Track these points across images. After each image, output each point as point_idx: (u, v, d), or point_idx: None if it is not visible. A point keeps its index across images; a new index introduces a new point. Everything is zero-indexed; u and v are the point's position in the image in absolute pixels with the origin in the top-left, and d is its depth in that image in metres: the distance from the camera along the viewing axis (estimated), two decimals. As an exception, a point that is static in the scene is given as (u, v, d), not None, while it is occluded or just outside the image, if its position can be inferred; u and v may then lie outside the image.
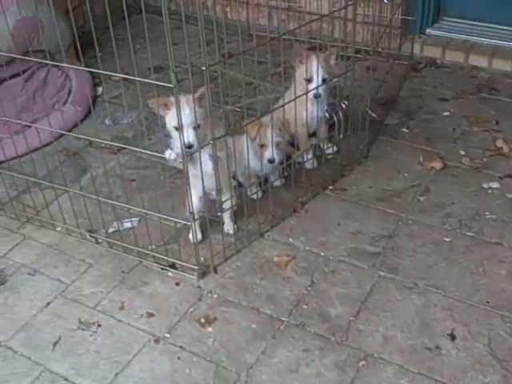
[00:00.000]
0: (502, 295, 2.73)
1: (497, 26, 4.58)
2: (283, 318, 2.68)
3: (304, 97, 3.08)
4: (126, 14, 2.45)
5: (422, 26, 4.67)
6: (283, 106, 2.99)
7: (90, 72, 4.15)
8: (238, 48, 2.74)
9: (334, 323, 2.64)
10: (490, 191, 3.32)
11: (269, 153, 3.07)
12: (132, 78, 2.57)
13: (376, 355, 2.50)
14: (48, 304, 2.79)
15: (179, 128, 2.54)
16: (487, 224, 3.11)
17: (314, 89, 3.18)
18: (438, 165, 3.51)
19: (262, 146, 3.08)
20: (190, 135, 2.61)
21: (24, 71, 3.65)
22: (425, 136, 3.77)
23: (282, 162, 3.16)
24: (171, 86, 2.40)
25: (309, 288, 2.81)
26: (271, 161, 3.09)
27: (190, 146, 2.62)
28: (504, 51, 4.44)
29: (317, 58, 3.20)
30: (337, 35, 4.54)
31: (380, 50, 3.69)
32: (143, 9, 2.50)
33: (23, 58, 2.82)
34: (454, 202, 3.26)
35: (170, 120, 2.70)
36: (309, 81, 3.21)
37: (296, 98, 3.00)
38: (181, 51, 2.56)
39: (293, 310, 2.71)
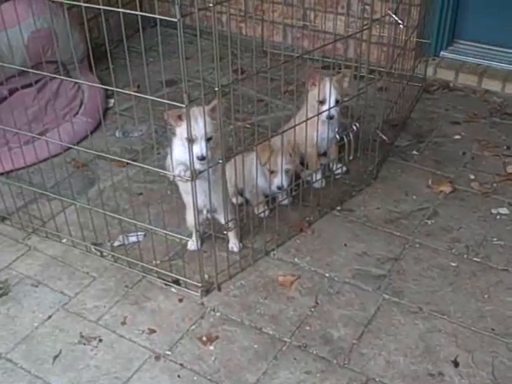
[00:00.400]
0: (507, 323, 2.69)
1: (510, 51, 4.57)
2: (285, 339, 2.66)
3: (315, 118, 3.08)
4: (140, 26, 2.45)
5: (436, 48, 4.67)
6: (294, 127, 2.99)
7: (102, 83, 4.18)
8: (250, 64, 2.74)
9: (336, 345, 2.62)
10: (498, 217, 3.29)
11: (278, 180, 3.11)
12: (143, 96, 2.57)
13: (378, 379, 2.47)
14: (50, 317, 2.79)
15: (191, 140, 2.53)
16: (495, 250, 3.08)
17: (326, 110, 3.18)
18: (447, 188, 3.49)
19: (272, 172, 3.09)
20: (202, 147, 2.60)
21: (37, 81, 3.68)
22: (435, 159, 3.75)
23: (290, 183, 3.16)
24: (183, 106, 2.40)
25: (312, 309, 2.79)
26: (280, 187, 3.12)
27: (203, 158, 2.60)
28: (517, 76, 4.43)
29: (330, 80, 3.21)
30: (350, 55, 4.56)
31: (393, 71, 3.68)
32: (158, 21, 2.50)
33: (34, 71, 2.82)
34: (461, 226, 3.24)
35: (183, 131, 2.67)
36: (321, 102, 3.22)
37: (308, 119, 3.00)
38: (193, 66, 2.56)
39: (295, 331, 2.69)
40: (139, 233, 3.15)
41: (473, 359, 2.55)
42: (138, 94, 2.59)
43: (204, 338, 2.66)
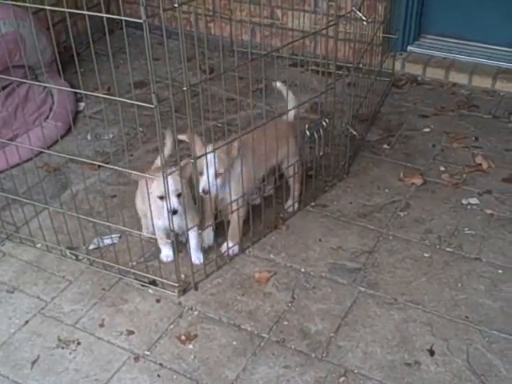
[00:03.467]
0: (480, 310, 2.75)
1: (477, 44, 4.66)
2: (264, 335, 2.68)
3: None
4: (106, 29, 2.45)
5: (403, 43, 4.73)
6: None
7: (72, 87, 4.15)
8: (219, 64, 2.75)
9: (314, 339, 2.64)
10: (469, 207, 3.35)
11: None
12: (113, 98, 2.57)
13: (356, 371, 2.51)
14: (27, 322, 2.77)
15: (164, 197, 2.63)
16: (466, 239, 3.13)
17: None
18: (418, 181, 3.55)
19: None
20: (174, 202, 2.67)
21: (4, 87, 3.65)
22: (405, 152, 3.81)
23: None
24: (152, 106, 2.40)
25: (289, 304, 2.81)
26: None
27: (174, 212, 2.69)
28: (483, 68, 4.51)
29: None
30: (318, 51, 4.59)
31: (361, 66, 3.72)
32: (124, 24, 2.49)
33: (2, 77, 2.80)
34: (433, 217, 3.29)
35: (154, 190, 2.73)
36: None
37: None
38: (162, 66, 2.57)
39: (273, 327, 2.71)
40: (114, 235, 3.15)
41: (448, 347, 2.59)
42: (107, 96, 2.60)
43: (183, 337, 2.67)
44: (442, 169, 3.64)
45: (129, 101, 2.50)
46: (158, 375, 2.52)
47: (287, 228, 3.25)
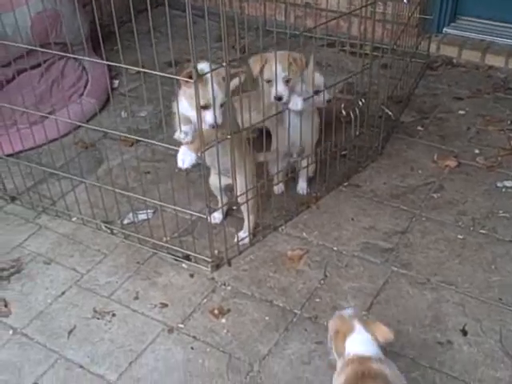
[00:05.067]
0: (514, 292, 2.74)
1: (513, 26, 4.59)
2: (296, 311, 2.70)
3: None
4: (148, 5, 2.46)
5: (439, 24, 4.68)
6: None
7: (108, 64, 4.18)
8: (252, 44, 2.75)
9: (346, 317, 2.66)
10: (504, 190, 3.32)
11: (274, 90, 2.86)
12: (151, 72, 2.58)
13: (388, 348, 2.50)
14: (63, 293, 2.82)
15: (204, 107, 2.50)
16: (500, 222, 3.11)
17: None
18: (452, 163, 3.52)
19: (268, 81, 2.91)
20: (216, 114, 2.54)
21: (43, 62, 3.69)
22: (439, 134, 3.78)
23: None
24: (192, 81, 2.41)
25: (322, 282, 2.83)
26: (279, 98, 2.85)
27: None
28: (520, 51, 4.44)
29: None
30: (354, 33, 4.56)
31: (397, 48, 3.69)
32: (166, 2, 2.51)
33: (42, 50, 2.84)
34: (467, 200, 3.27)
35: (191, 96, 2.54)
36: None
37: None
38: (198, 46, 2.57)
39: (305, 303, 2.73)
40: (148, 210, 3.18)
41: (481, 328, 2.59)
42: (147, 70, 2.60)
43: (216, 312, 2.70)
44: (477, 151, 3.61)
45: (168, 75, 2.52)
46: (192, 347, 2.56)
47: (319, 207, 3.26)
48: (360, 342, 2.05)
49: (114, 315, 2.71)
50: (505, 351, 2.48)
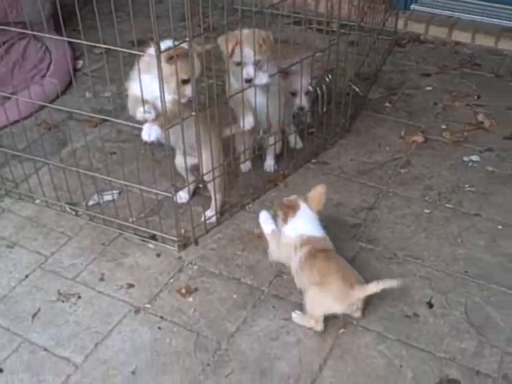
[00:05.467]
0: (479, 265, 2.75)
1: (480, 2, 4.61)
2: (263, 288, 2.68)
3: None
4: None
5: (406, 1, 4.68)
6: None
7: (70, 45, 4.11)
8: (219, 22, 2.72)
9: (313, 293, 2.65)
10: (469, 164, 3.34)
11: (244, 71, 2.89)
12: (115, 48, 2.54)
13: (355, 323, 2.52)
14: (27, 276, 2.78)
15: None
16: (466, 196, 3.13)
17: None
18: (419, 138, 3.53)
19: (238, 64, 2.92)
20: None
21: (3, 43, 3.61)
22: (407, 110, 3.79)
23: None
24: (154, 55, 2.38)
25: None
26: (249, 80, 2.89)
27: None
28: (487, 27, 4.47)
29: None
30: (322, 10, 4.53)
31: (364, 25, 3.68)
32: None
33: (2, 28, 2.77)
34: (434, 174, 3.28)
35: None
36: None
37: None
38: (162, 26, 2.53)
39: (273, 280, 2.72)
40: (114, 191, 3.14)
41: (447, 300, 2.60)
42: (110, 47, 2.55)
43: (183, 291, 2.68)
44: (444, 127, 3.62)
45: (132, 51, 2.47)
46: (159, 327, 2.53)
47: (287, 185, 3.25)
48: (308, 222, 2.58)
49: (79, 297, 2.68)
50: (470, 322, 2.50)
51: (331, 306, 2.41)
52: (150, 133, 2.59)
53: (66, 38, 2.90)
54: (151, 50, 2.44)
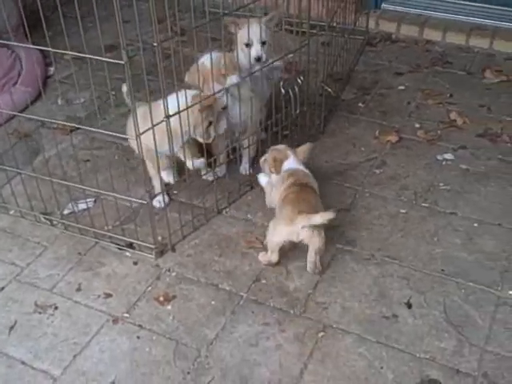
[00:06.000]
0: (456, 263, 2.77)
1: (450, 0, 4.63)
2: (242, 294, 2.68)
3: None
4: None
5: (376, 0, 4.69)
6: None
7: (41, 52, 4.06)
8: (191, 25, 2.70)
9: (292, 296, 2.65)
10: (444, 163, 3.36)
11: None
12: (83, 55, 2.52)
13: (335, 326, 2.52)
14: (2, 288, 2.74)
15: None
16: (442, 195, 3.15)
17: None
18: (393, 138, 3.54)
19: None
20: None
21: (-30, 52, 3.56)
22: (380, 110, 3.80)
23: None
24: (122, 62, 2.36)
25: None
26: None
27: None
28: (457, 25, 4.49)
29: (257, 22, 3.10)
30: (292, 11, 4.53)
31: (335, 25, 3.69)
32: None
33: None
34: (409, 174, 3.30)
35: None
36: (247, 45, 3.12)
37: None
38: (133, 30, 2.51)
39: (252, 285, 2.71)
40: (88, 199, 3.11)
41: (425, 300, 2.62)
42: (78, 54, 2.53)
43: (161, 299, 2.66)
44: (417, 126, 3.64)
45: (99, 57, 2.45)
46: (138, 336, 2.51)
47: (262, 188, 3.23)
48: (294, 162, 2.86)
49: (56, 308, 2.64)
50: (448, 321, 2.52)
51: (279, 231, 2.66)
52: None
53: (32, 46, 2.88)
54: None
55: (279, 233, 2.67)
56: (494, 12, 4.50)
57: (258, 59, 3.12)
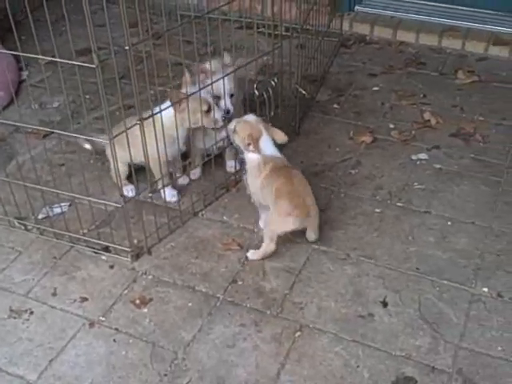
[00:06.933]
0: (430, 261, 2.80)
1: (423, 2, 4.69)
2: (219, 295, 2.68)
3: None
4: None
5: (350, 2, 4.72)
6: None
7: (14, 57, 4.03)
8: (164, 28, 2.71)
9: (269, 297, 2.66)
10: (418, 162, 3.39)
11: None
12: (54, 59, 2.51)
13: (311, 325, 2.53)
14: (-23, 294, 2.72)
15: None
16: (416, 194, 3.18)
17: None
18: (367, 139, 3.57)
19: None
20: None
21: None
22: (355, 111, 3.83)
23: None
24: (93, 66, 2.36)
25: (244, 264, 2.82)
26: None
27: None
28: (430, 26, 4.54)
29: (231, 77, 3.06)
30: (266, 13, 4.55)
31: (309, 27, 3.71)
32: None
33: None
34: (384, 174, 3.32)
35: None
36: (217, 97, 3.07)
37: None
38: (107, 33, 2.50)
39: (228, 287, 2.71)
40: (63, 203, 3.09)
41: (400, 298, 2.64)
42: (48, 58, 2.52)
43: (137, 302, 2.65)
44: (392, 126, 3.67)
45: (70, 62, 2.45)
46: (114, 340, 2.50)
47: (239, 190, 3.24)
48: (268, 145, 2.82)
49: (31, 313, 2.63)
50: (423, 319, 2.54)
51: (286, 222, 2.72)
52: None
53: (2, 50, 2.86)
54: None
55: (286, 224, 2.73)
56: (466, 13, 4.55)
57: (228, 112, 3.08)
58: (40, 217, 3.06)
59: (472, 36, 4.39)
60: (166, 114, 2.81)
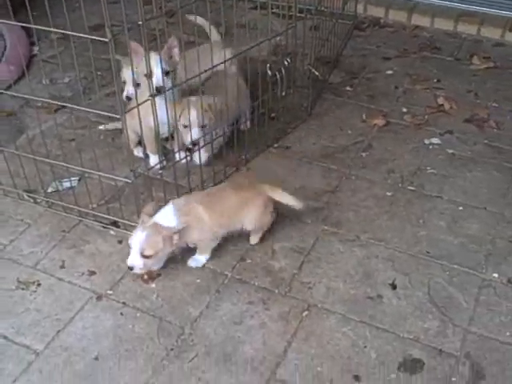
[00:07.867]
0: (441, 245, 2.77)
1: (439, -13, 4.62)
2: (227, 273, 2.67)
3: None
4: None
5: (365, -15, 4.67)
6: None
7: (26, 31, 4.02)
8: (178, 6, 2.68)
9: (277, 276, 2.65)
10: (431, 147, 3.36)
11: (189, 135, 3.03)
12: (66, 32, 2.48)
13: (319, 305, 2.52)
14: (-15, 265, 2.72)
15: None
16: (428, 178, 3.15)
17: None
18: (380, 122, 3.54)
19: (185, 126, 3.02)
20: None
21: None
22: (368, 94, 3.79)
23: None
24: (106, 40, 2.33)
25: (252, 243, 2.80)
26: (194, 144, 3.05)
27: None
28: (445, 11, 4.49)
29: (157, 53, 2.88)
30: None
31: (323, 9, 3.67)
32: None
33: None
34: (396, 157, 3.30)
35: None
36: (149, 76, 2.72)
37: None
38: (120, 10, 2.48)
39: (236, 265, 2.70)
40: (73, 178, 3.08)
41: (410, 281, 2.62)
42: (60, 31, 2.50)
43: (145, 277, 2.64)
44: (405, 110, 3.64)
45: (82, 35, 2.42)
46: (121, 313, 2.50)
47: (248, 169, 3.22)
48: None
49: (39, 285, 2.62)
50: (433, 302, 2.52)
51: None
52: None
53: (14, 23, 2.84)
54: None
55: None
56: (482, -1, 4.51)
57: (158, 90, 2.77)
58: (49, 190, 3.05)
59: (488, 21, 4.34)
60: None
